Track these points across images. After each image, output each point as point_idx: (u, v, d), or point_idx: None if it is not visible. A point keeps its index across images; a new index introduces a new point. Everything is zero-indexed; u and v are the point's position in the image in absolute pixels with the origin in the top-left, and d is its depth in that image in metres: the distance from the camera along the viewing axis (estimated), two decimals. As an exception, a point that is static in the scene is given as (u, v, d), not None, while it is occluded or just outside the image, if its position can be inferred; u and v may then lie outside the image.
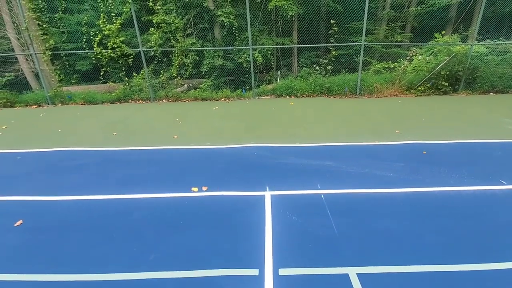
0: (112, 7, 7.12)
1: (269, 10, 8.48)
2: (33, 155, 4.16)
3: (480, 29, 9.99)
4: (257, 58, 8.50)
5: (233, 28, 8.60)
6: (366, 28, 10.79)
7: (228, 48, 8.52)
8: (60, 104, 7.70)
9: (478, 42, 7.35)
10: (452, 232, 2.36)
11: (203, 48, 8.46)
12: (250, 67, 7.70)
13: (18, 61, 8.20)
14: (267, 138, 4.58)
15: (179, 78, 8.08)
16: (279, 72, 9.34)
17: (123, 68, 7.58)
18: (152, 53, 8.15)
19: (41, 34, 7.24)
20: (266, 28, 9.67)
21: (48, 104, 7.69)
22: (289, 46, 9.15)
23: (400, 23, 10.35)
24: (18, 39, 7.42)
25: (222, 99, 7.80)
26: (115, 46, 7.27)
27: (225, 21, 8.14)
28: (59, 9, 7.48)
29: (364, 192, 2.97)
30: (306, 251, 2.17)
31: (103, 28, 7.12)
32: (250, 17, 9.40)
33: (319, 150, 4.08)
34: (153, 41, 7.46)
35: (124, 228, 2.50)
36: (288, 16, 8.36)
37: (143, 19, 8.33)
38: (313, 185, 3.12)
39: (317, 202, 2.80)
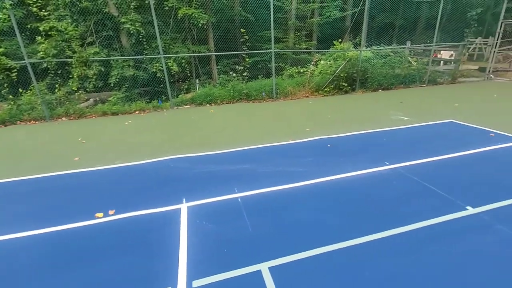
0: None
1: (179, 18, 8.32)
2: None
3: (368, 37, 11.90)
4: (172, 67, 8.23)
5: (141, 36, 8.15)
6: (277, 36, 11.71)
7: (137, 57, 8.01)
8: None
9: (366, 48, 8.68)
10: (350, 212, 2.66)
11: (108, 58, 7.73)
12: (164, 76, 7.36)
13: None
14: (185, 148, 4.43)
15: (81, 92, 7.16)
16: (197, 80, 9.24)
17: (5, 85, 6.30)
18: (45, 65, 7.05)
19: None
20: (180, 36, 9.46)
21: None
22: (202, 54, 9.17)
23: (305, 32, 11.52)
24: None
25: (136, 112, 7.24)
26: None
27: (130, 28, 7.62)
28: None
29: (278, 189, 3.12)
30: (221, 257, 2.13)
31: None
32: (161, 25, 9.08)
33: (237, 155, 4.14)
34: (42, 51, 6.42)
35: (8, 276, 2.02)
36: (200, 25, 8.36)
37: (29, 26, 7.14)
38: (231, 190, 3.12)
39: (234, 206, 2.81)
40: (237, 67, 8.33)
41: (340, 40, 9.12)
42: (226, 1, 10.25)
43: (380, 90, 8.97)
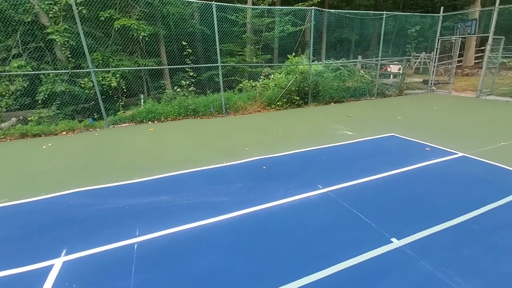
0: None
1: (117, 30, 7.70)
2: None
3: (327, 51, 12.06)
4: (111, 82, 7.52)
5: (72, 49, 7.39)
6: (233, 50, 11.48)
7: (60, 71, 7.25)
8: None
9: (312, 61, 8.67)
10: (264, 255, 2.25)
11: (29, 72, 6.85)
12: (96, 92, 6.64)
13: None
14: (100, 177, 3.80)
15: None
16: (142, 96, 8.58)
17: None
18: None
19: None
20: (122, 49, 8.78)
21: None
22: (140, 68, 8.51)
23: (261, 45, 11.42)
24: None
25: (64, 133, 6.41)
26: None
27: (57, 40, 6.85)
28: None
29: (190, 227, 2.64)
30: None
31: None
32: (101, 37, 8.36)
33: (158, 183, 3.61)
34: None
35: None
36: (141, 37, 7.80)
37: None
38: (131, 232, 2.57)
39: (125, 257, 2.26)
40: (182, 82, 7.83)
41: (294, 54, 9.07)
42: (176, 14, 9.84)
43: (332, 103, 8.98)
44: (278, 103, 8.36)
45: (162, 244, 2.41)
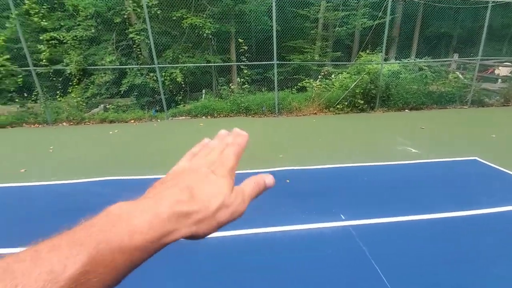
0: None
1: (185, 28, 8.18)
2: None
3: (419, 48, 10.34)
4: (176, 77, 8.08)
5: (150, 46, 8.16)
6: (301, 47, 10.94)
7: (131, 66, 8.08)
8: None
9: (386, 61, 7.44)
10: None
11: (107, 67, 7.87)
12: (159, 86, 7.23)
13: None
14: (130, 170, 4.03)
15: (80, 99, 7.37)
16: (203, 91, 8.97)
17: (10, 89, 6.78)
18: (70, 70, 7.36)
19: None
20: (192, 46, 9.33)
21: None
22: (202, 64, 8.76)
23: (329, 42, 10.53)
24: None
25: (132, 121, 7.20)
26: (-1, 64, 6.49)
27: (135, 38, 7.69)
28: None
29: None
30: None
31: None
32: (176, 35, 9.09)
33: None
34: (43, 57, 6.76)
35: None
36: (204, 34, 8.09)
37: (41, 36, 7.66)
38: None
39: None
40: (238, 79, 7.82)
41: (367, 51, 7.98)
42: (248, 12, 9.90)
43: (406, 110, 7.59)
44: (338, 106, 7.52)
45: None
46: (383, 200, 3.06)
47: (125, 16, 8.10)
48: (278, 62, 7.29)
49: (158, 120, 7.26)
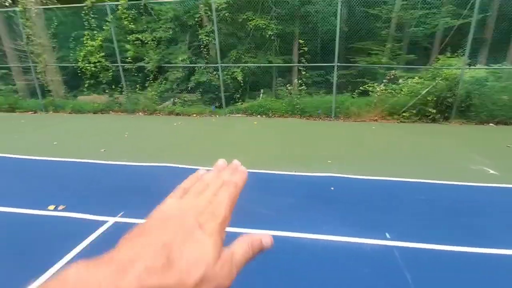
0: (95, 25, 7.69)
1: (249, 29, 8.48)
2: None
3: (491, 53, 8.87)
4: (237, 76, 8.47)
5: (216, 46, 8.72)
6: (369, 48, 10.28)
7: (194, 65, 8.66)
8: (51, 112, 8.38)
9: (469, 66, 6.46)
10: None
11: (171, 65, 8.62)
12: (220, 84, 7.67)
13: (31, 71, 9.17)
14: (184, 158, 4.42)
15: (155, 93, 8.31)
16: (262, 90, 9.18)
17: (104, 81, 8.05)
18: (150, 67, 8.42)
19: (53, 48, 8.15)
20: (255, 46, 9.63)
21: (42, 111, 8.42)
22: (264, 64, 8.91)
23: (400, 43, 9.65)
24: (32, 52, 8.25)
25: (194, 115, 7.84)
26: (96, 61, 7.78)
27: (204, 39, 8.30)
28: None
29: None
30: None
31: (86, 44, 7.70)
32: (242, 36, 9.53)
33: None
34: (129, 55, 7.83)
35: None
36: (267, 35, 8.25)
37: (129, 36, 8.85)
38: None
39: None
40: (295, 80, 7.77)
41: (447, 54, 7.08)
42: (314, 13, 9.76)
43: (491, 124, 6.49)
44: (404, 114, 6.86)
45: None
46: (439, 224, 2.72)
47: (198, 19, 8.81)
48: (338, 64, 7.01)
49: (217, 116, 7.74)
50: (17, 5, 7.79)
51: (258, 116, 7.65)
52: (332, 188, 3.43)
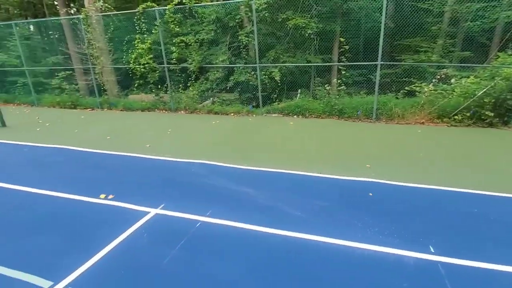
0: (145, 30, 8.29)
1: (289, 28, 8.42)
2: (36, 148, 5.22)
3: None
4: (275, 75, 8.48)
5: (255, 47, 8.82)
6: (417, 45, 9.57)
7: (233, 65, 8.82)
8: (106, 109, 9.25)
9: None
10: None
11: (210, 65, 8.88)
12: (257, 84, 7.76)
13: (91, 72, 10.21)
14: (220, 156, 4.57)
15: (195, 93, 8.68)
16: (299, 90, 9.07)
17: (151, 81, 8.65)
18: (192, 68, 8.86)
19: (109, 51, 9.03)
20: (294, 46, 9.55)
21: (98, 108, 9.34)
22: (302, 64, 8.78)
23: (454, 39, 8.82)
24: (92, 55, 9.21)
25: (232, 114, 8.05)
26: (145, 62, 8.39)
27: (243, 40, 8.45)
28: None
29: (247, 228, 2.71)
30: (122, 280, 2.16)
31: (137, 47, 8.35)
32: (281, 36, 9.52)
33: (251, 174, 3.87)
34: (174, 57, 8.29)
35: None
36: (307, 34, 8.12)
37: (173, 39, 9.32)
38: (204, 210, 3.01)
39: (185, 229, 2.71)
40: (334, 79, 7.53)
41: (509, 51, 6.34)
42: (357, 9, 9.39)
43: None
44: (456, 117, 6.28)
45: (218, 233, 2.65)
46: (495, 241, 2.46)
47: (239, 20, 9.01)
48: (382, 62, 6.64)
49: (254, 115, 7.85)
50: (81, 13, 8.73)
51: (295, 116, 7.59)
52: (371, 194, 3.28)
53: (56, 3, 16.43)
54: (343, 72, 7.28)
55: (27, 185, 3.70)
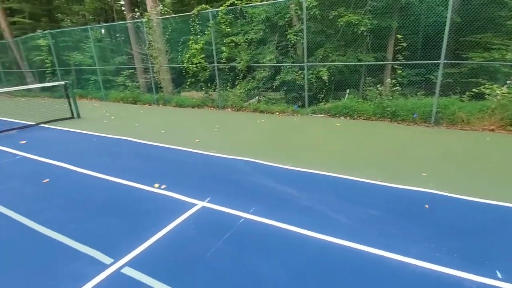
0: (198, 31, 8.74)
1: (340, 26, 8.09)
2: (102, 138, 5.90)
3: None
4: (323, 75, 8.26)
5: (303, 45, 8.69)
6: (486, 41, 8.46)
7: (279, 64, 8.75)
8: (161, 105, 10.02)
9: None
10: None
11: (258, 65, 8.93)
12: (304, 83, 7.63)
13: (149, 71, 11.15)
14: (263, 155, 4.62)
15: (242, 91, 8.87)
16: (348, 90, 8.68)
17: (201, 80, 9.10)
18: (240, 67, 9.14)
19: (166, 52, 9.80)
20: (344, 44, 9.17)
21: (155, 104, 10.16)
22: (352, 63, 8.37)
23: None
24: (151, 55, 10.06)
25: (277, 113, 8.08)
26: (197, 62, 8.86)
27: (292, 38, 8.38)
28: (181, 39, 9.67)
29: (290, 229, 2.71)
30: (172, 266, 2.34)
31: (190, 48, 8.85)
32: (331, 33, 9.23)
33: (295, 175, 3.84)
34: (223, 56, 8.59)
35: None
36: (359, 31, 7.72)
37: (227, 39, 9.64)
38: (247, 207, 3.08)
39: (228, 224, 2.81)
40: (388, 80, 7.04)
41: None
42: (419, 2, 8.64)
43: None
44: (537, 124, 5.41)
45: (259, 231, 2.71)
46: None
47: (288, 19, 8.96)
48: (446, 61, 6.02)
49: (299, 115, 7.76)
50: (143, 17, 9.56)
51: (342, 117, 7.31)
52: (427, 206, 3.02)
53: (123, 8, 18.24)
54: (398, 72, 6.78)
55: (95, 170, 4.22)
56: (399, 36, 6.87)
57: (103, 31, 13.46)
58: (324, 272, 2.16)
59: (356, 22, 7.65)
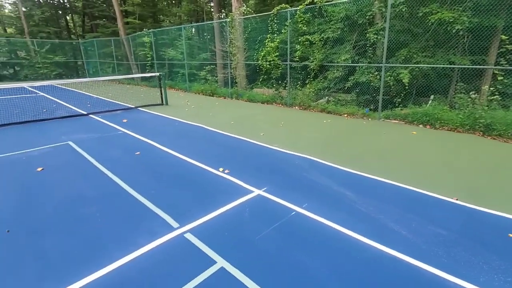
0: (276, 29, 9.01)
1: (432, 24, 7.23)
2: (183, 124, 6.72)
3: None
4: (403, 77, 7.58)
5: (385, 45, 8.12)
6: None
7: (352, 64, 8.29)
8: (234, 99, 10.77)
9: None
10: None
11: (327, 64, 8.64)
12: (380, 86, 7.13)
13: (227, 67, 12.10)
14: (325, 155, 4.58)
15: (311, 91, 8.81)
16: (432, 96, 7.72)
17: (273, 77, 9.40)
18: (313, 66, 9.18)
19: (244, 49, 10.53)
20: (434, 45, 8.16)
21: (229, 97, 10.98)
22: (442, 66, 7.41)
23: None
24: (231, 52, 10.94)
25: (345, 115, 7.80)
26: (271, 60, 9.18)
27: (371, 37, 7.90)
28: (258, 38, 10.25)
29: (340, 230, 2.71)
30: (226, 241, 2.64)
31: (266, 46, 9.22)
32: (419, 33, 8.37)
33: (357, 179, 3.71)
34: (297, 55, 8.67)
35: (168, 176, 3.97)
36: (454, 31, 6.76)
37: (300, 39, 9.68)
38: (301, 202, 3.17)
39: (280, 214, 2.95)
40: (486, 87, 6.01)
41: None
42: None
43: None
44: None
45: (309, 226, 2.77)
46: None
47: (370, 17, 8.46)
48: None
49: (369, 119, 7.33)
50: (227, 17, 10.37)
51: (420, 125, 6.60)
52: (511, 235, 2.59)
53: (212, 10, 19.97)
54: (499, 78, 5.77)
55: (174, 149, 4.92)
56: (503, 37, 5.79)
57: (193, 30, 15.09)
58: (372, 280, 2.11)
59: (451, 20, 6.74)
